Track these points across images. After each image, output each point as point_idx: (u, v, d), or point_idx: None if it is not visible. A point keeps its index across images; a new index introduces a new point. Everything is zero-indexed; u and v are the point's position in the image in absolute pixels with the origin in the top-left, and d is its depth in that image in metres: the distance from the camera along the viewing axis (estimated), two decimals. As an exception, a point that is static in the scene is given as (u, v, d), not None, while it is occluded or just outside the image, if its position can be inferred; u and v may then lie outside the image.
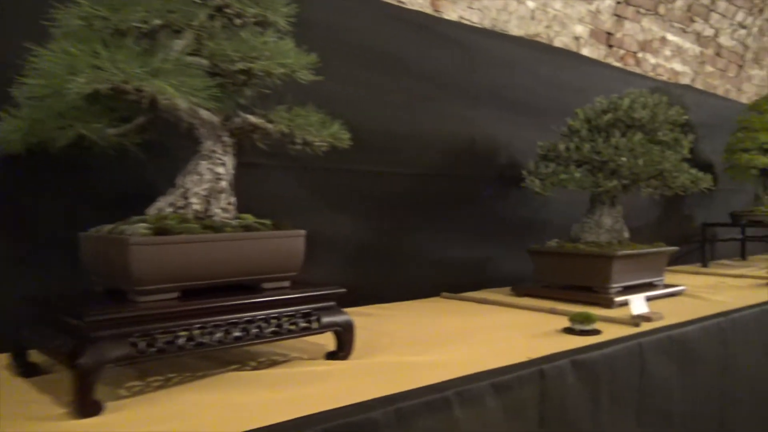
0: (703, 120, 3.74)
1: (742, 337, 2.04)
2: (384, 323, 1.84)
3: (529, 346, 1.52)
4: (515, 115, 2.65)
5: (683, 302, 2.26)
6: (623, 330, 1.73)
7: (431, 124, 2.34)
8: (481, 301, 2.21)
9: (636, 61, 3.42)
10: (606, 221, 2.33)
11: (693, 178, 2.27)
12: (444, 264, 2.41)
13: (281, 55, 1.27)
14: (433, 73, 2.34)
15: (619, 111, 2.25)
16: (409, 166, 2.27)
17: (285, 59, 1.27)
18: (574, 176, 2.17)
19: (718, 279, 2.96)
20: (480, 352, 1.48)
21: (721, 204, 3.91)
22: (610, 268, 2.13)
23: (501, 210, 2.60)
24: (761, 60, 4.37)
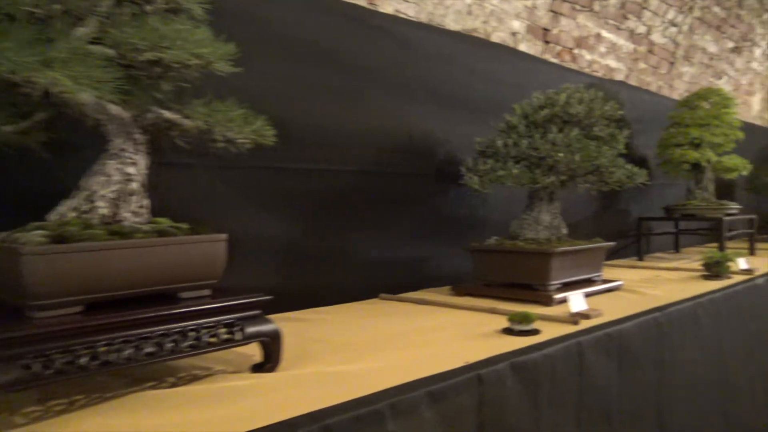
0: (636, 116, 3.80)
1: (678, 331, 2.05)
2: (318, 329, 1.75)
3: (468, 349, 1.47)
4: (453, 111, 2.61)
5: (621, 297, 2.26)
6: (562, 328, 1.70)
7: (366, 120, 2.26)
8: (420, 302, 2.15)
9: (572, 57, 3.43)
10: (544, 218, 2.31)
11: (629, 173, 2.27)
12: (382, 264, 2.35)
13: (195, 44, 1.17)
14: (368, 67, 2.26)
15: (556, 107, 2.23)
16: (343, 163, 2.19)
17: (200, 49, 1.17)
18: (512, 173, 2.14)
19: (653, 273, 3.00)
20: (416, 358, 1.41)
21: (656, 198, 3.99)
22: (549, 265, 2.10)
23: (440, 208, 2.55)
24: (691, 57, 4.48)
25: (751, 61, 5.25)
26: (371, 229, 2.30)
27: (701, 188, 3.60)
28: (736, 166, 3.58)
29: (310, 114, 2.08)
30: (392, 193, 2.37)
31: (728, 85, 5.17)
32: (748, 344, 2.61)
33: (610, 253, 3.68)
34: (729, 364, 2.43)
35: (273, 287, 1.98)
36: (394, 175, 2.38)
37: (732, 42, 4.80)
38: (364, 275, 2.29)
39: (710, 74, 4.82)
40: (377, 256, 2.33)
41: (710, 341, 2.27)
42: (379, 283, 2.32)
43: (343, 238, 2.22)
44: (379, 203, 2.32)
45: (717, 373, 2.32)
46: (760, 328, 2.72)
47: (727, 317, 2.42)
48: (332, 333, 1.70)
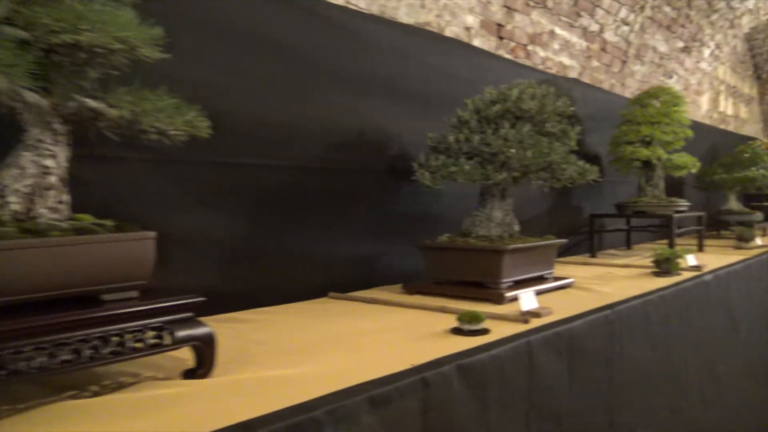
0: (590, 113, 3.82)
1: (628, 328, 2.04)
2: (261, 330, 1.68)
3: (416, 351, 1.42)
4: (406, 106, 2.56)
5: (572, 295, 2.25)
6: (512, 328, 1.67)
7: (313, 114, 2.19)
8: (370, 301, 2.10)
9: (526, 53, 3.42)
10: (497, 214, 2.28)
11: (580, 170, 2.25)
12: (332, 262, 2.28)
13: (118, 27, 1.08)
14: (316, 59, 2.19)
15: (508, 102, 2.20)
16: (290, 158, 2.12)
17: (123, 32, 1.08)
18: (464, 169, 2.10)
19: (605, 269, 3.01)
20: (360, 360, 1.35)
21: (608, 195, 4.02)
22: (500, 262, 2.07)
23: (392, 204, 2.50)
24: (642, 56, 4.53)
25: (699, 61, 5.36)
26: (320, 226, 2.23)
27: (652, 185, 3.64)
28: (685, 163, 3.63)
29: (254, 107, 1.99)
30: (343, 190, 2.30)
31: (678, 85, 5.27)
32: (696, 341, 2.63)
33: (563, 250, 3.70)
34: (678, 361, 2.44)
35: (215, 287, 1.92)
36: (345, 172, 2.31)
37: (682, 42, 4.88)
38: (313, 274, 2.22)
39: (661, 73, 4.90)
40: (327, 254, 2.26)
41: (659, 338, 2.28)
42: (329, 281, 2.26)
43: (291, 235, 2.14)
44: (328, 200, 2.26)
45: (666, 369, 2.33)
46: (708, 325, 2.76)
47: (676, 314, 2.43)
48: (276, 335, 1.63)
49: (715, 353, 2.86)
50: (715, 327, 2.86)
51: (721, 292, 2.94)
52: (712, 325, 2.83)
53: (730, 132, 6.76)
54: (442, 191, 2.67)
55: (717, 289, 2.89)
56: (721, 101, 6.54)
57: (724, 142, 5.96)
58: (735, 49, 6.45)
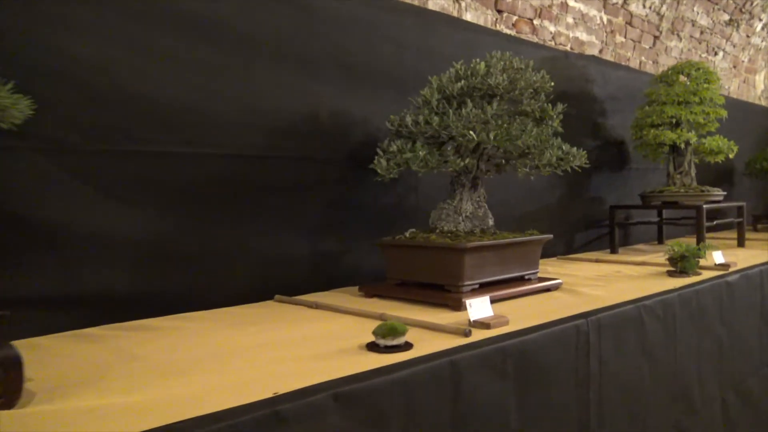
0: (611, 93, 3.46)
1: (612, 340, 1.73)
2: (152, 342, 1.47)
3: (311, 371, 1.17)
4: (375, 88, 2.30)
5: (552, 299, 1.94)
6: (447, 341, 1.39)
7: (259, 97, 1.97)
8: (313, 306, 1.85)
9: (532, 28, 3.09)
10: (466, 207, 2.00)
11: (562, 155, 1.94)
12: (283, 261, 2.05)
13: None
14: (259, 37, 1.96)
15: (476, 78, 1.91)
16: (227, 146, 1.90)
17: None
18: (418, 154, 1.83)
19: (616, 268, 2.67)
20: (223, 384, 1.12)
21: (636, 184, 3.64)
22: (461, 262, 1.79)
23: (357, 197, 2.25)
24: (679, 31, 4.09)
25: (750, 36, 4.84)
26: (267, 222, 2.01)
27: (681, 173, 3.24)
28: (719, 148, 3.21)
29: (186, 91, 1.79)
30: (294, 181, 2.07)
31: (725, 62, 4.77)
32: (716, 351, 2.27)
33: (583, 244, 3.36)
34: (688, 376, 2.10)
35: (129, 291, 1.72)
36: (299, 161, 2.08)
37: (726, 14, 4.40)
38: (258, 275, 2.00)
39: (703, 49, 4.43)
40: (277, 252, 2.03)
41: (660, 350, 1.94)
42: (281, 282, 2.03)
43: (230, 233, 1.92)
44: (277, 192, 2.03)
45: (670, 386, 1.99)
46: (734, 332, 2.38)
47: (686, 321, 2.08)
48: (167, 347, 1.41)
49: (744, 364, 2.48)
50: (743, 334, 2.48)
51: (752, 293, 2.55)
52: (740, 332, 2.45)
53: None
54: (419, 181, 2.41)
55: (747, 290, 2.51)
56: (782, 80, 5.93)
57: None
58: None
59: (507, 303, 1.87)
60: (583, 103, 3.28)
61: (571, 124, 3.18)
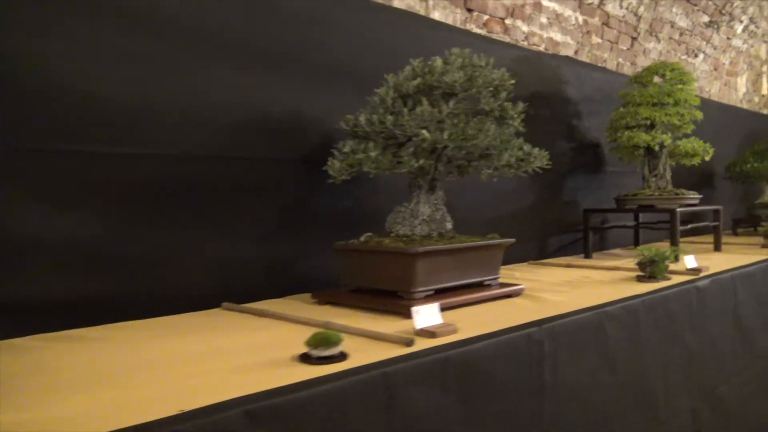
0: (586, 95, 3.40)
1: (567, 349, 1.66)
2: (78, 353, 1.38)
3: (224, 385, 1.09)
4: (335, 87, 2.22)
5: (511, 306, 1.87)
6: (388, 351, 1.32)
7: (208, 95, 1.89)
8: (260, 314, 1.78)
9: (504, 28, 3.03)
10: (423, 210, 1.93)
11: (522, 156, 1.87)
12: (235, 267, 1.97)
13: None
14: (213, 31, 1.88)
15: (434, 75, 1.84)
16: (172, 146, 1.82)
17: None
18: (370, 155, 1.75)
19: (585, 273, 2.60)
20: (132, 399, 1.04)
21: (612, 187, 3.57)
22: (412, 268, 1.72)
23: (316, 199, 2.17)
24: (657, 32, 4.04)
25: (731, 38, 4.80)
26: (219, 225, 1.93)
27: (656, 176, 3.18)
28: (694, 150, 3.16)
29: (128, 87, 1.71)
30: (248, 183, 1.99)
31: (706, 64, 4.73)
32: (685, 360, 2.20)
33: (557, 249, 3.29)
34: (655, 384, 2.03)
35: (62, 299, 1.64)
36: (251, 161, 2.00)
37: (706, 15, 4.35)
38: (208, 281, 1.92)
39: (682, 51, 4.38)
40: (229, 257, 1.95)
41: (623, 358, 1.88)
42: (231, 289, 1.95)
43: (178, 237, 1.84)
44: (229, 194, 1.95)
45: (635, 395, 1.92)
46: (705, 339, 2.32)
47: (652, 327, 2.01)
48: (90, 359, 1.33)
49: (715, 372, 2.41)
50: (715, 341, 2.41)
51: (723, 299, 2.49)
52: (711, 339, 2.38)
53: (775, 117, 6.12)
54: (383, 183, 2.33)
55: (718, 295, 2.44)
56: (764, 83, 5.91)
57: (766, 128, 5.36)
58: (780, 26, 5.80)
59: (463, 310, 1.80)
60: (557, 105, 3.22)
61: (545, 125, 3.14)
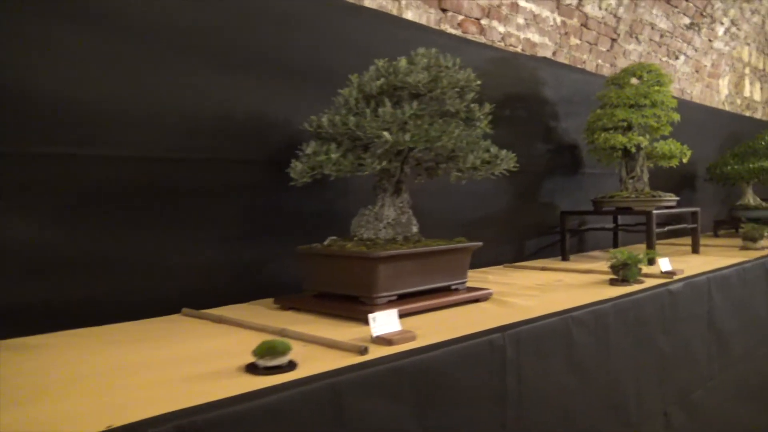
0: (565, 96, 3.38)
1: (532, 356, 1.62)
2: (23, 363, 1.33)
3: (158, 398, 1.05)
4: (304, 88, 2.18)
5: (478, 311, 1.83)
6: (342, 360, 1.28)
7: (169, 95, 1.84)
8: (218, 320, 1.73)
9: (480, 28, 2.99)
10: (388, 213, 1.89)
11: (489, 158, 1.83)
12: (196, 272, 1.92)
13: None
14: (174, 29, 1.84)
15: (398, 75, 1.80)
16: (131, 147, 1.77)
17: None
18: (331, 157, 1.71)
19: (559, 276, 2.57)
20: (58, 415, 0.99)
21: (591, 189, 3.54)
22: (374, 272, 1.68)
23: (282, 202, 2.12)
24: (638, 33, 4.03)
25: (713, 40, 4.79)
26: (180, 229, 1.88)
27: (633, 177, 3.16)
28: (672, 152, 3.13)
29: (80, 87, 1.66)
30: (211, 185, 1.95)
31: (687, 66, 4.72)
32: (658, 365, 2.17)
33: (534, 252, 3.26)
34: (625, 393, 2.00)
35: (12, 305, 1.59)
36: (214, 163, 1.95)
37: (687, 17, 4.34)
38: (168, 286, 1.87)
39: (663, 53, 4.37)
40: (191, 262, 1.91)
41: (594, 365, 1.84)
42: (193, 294, 1.90)
43: (137, 241, 1.79)
44: (191, 197, 1.90)
45: (604, 404, 1.89)
46: (678, 343, 2.29)
47: (621, 332, 1.98)
48: (32, 369, 1.28)
49: (690, 376, 2.39)
50: (689, 345, 2.39)
51: (698, 302, 2.47)
52: (685, 343, 2.36)
53: (758, 119, 6.13)
54: (352, 185, 2.30)
55: (692, 299, 2.42)
56: (746, 85, 5.92)
57: (748, 130, 5.36)
58: (763, 28, 5.81)
59: (428, 315, 1.76)
60: (534, 106, 3.19)
61: (522, 126, 3.11)
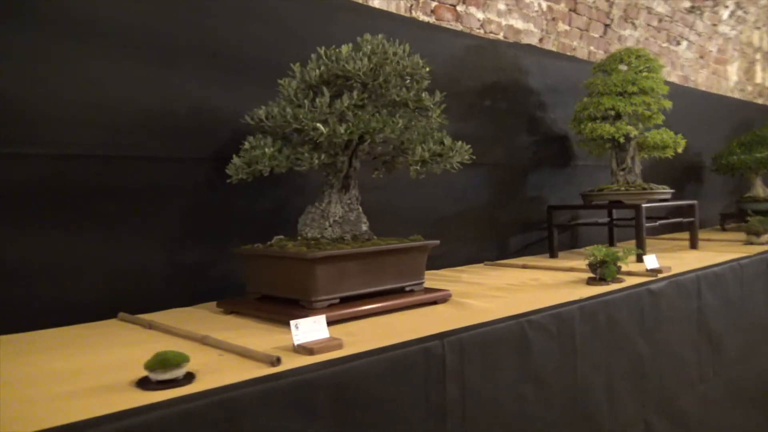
0: (551, 85, 3.23)
1: (478, 361, 1.49)
2: None
3: (38, 416, 0.95)
4: (252, 82, 2.06)
5: (432, 314, 1.70)
6: (252, 371, 1.16)
7: (102, 89, 1.75)
8: (148, 326, 1.62)
9: (455, 15, 2.85)
10: (335, 210, 1.77)
11: (439, 151, 1.70)
12: (136, 275, 1.82)
13: None
14: (108, 19, 1.74)
15: (339, 62, 1.68)
16: (61, 145, 1.68)
17: None
18: (265, 152, 1.60)
19: (538, 275, 2.43)
20: None
21: (585, 182, 3.39)
22: (312, 274, 1.56)
23: (231, 201, 2.01)
24: (633, 18, 3.85)
25: (717, 24, 4.59)
26: (118, 230, 1.79)
27: (624, 169, 3.00)
28: (664, 142, 2.97)
29: (12, 83, 1.58)
30: (151, 184, 1.85)
31: (691, 52, 4.52)
32: (636, 370, 2.03)
33: (520, 249, 3.12)
34: (595, 402, 1.86)
35: None
36: (154, 161, 1.86)
37: (687, 1, 4.15)
38: (106, 290, 1.77)
39: (663, 39, 4.18)
40: (131, 264, 1.81)
41: (556, 373, 1.71)
42: (134, 298, 1.81)
43: (71, 243, 1.70)
44: (130, 197, 1.81)
45: (569, 414, 1.75)
46: (657, 348, 2.14)
47: (591, 337, 1.84)
48: None
49: (675, 381, 2.24)
50: (674, 347, 2.23)
51: (685, 301, 2.31)
52: (669, 346, 2.21)
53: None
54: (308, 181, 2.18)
55: (678, 298, 2.27)
56: (758, 71, 5.68)
57: (761, 119, 5.14)
58: (774, 11, 5.57)
59: (375, 319, 1.64)
60: (516, 96, 3.04)
61: (502, 118, 2.97)
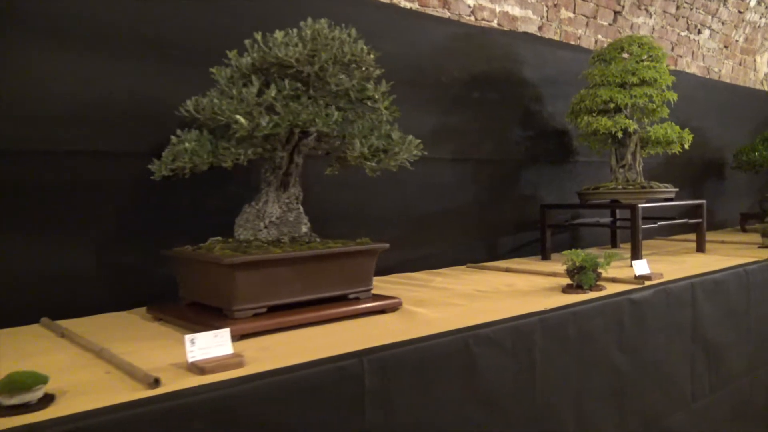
0: (550, 76, 3.03)
1: (407, 382, 1.34)
2: None
3: None
4: (199, 73, 1.91)
5: (371, 325, 1.55)
6: (124, 394, 1.04)
7: (25, 80, 1.64)
8: (61, 335, 1.51)
9: (443, 2, 2.68)
10: (272, 210, 1.63)
11: (382, 146, 1.55)
12: (63, 278, 1.71)
13: None
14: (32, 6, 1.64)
15: (272, 50, 1.53)
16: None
17: None
18: (185, 147, 1.47)
19: (516, 279, 2.25)
20: None
21: (587, 179, 3.18)
22: (232, 281, 1.42)
23: (173, 199, 1.89)
24: (648, 5, 3.61)
25: (744, 12, 4.29)
26: (41, 230, 1.68)
27: (623, 166, 2.79)
28: (668, 137, 2.74)
29: None
30: (82, 181, 1.74)
31: (713, 42, 4.24)
32: (613, 388, 1.84)
33: (511, 250, 2.94)
34: (565, 423, 1.69)
35: None
36: (84, 156, 1.75)
37: (709, -15, 3.89)
38: (28, 293, 1.67)
39: (681, 27, 3.92)
40: (57, 266, 1.70)
41: (510, 395, 1.54)
42: (61, 302, 1.70)
43: None
44: (55, 195, 1.70)
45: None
46: (640, 363, 1.95)
47: (554, 353, 1.67)
48: None
49: (663, 398, 2.04)
50: (662, 362, 2.04)
51: (676, 311, 2.11)
52: (656, 361, 2.01)
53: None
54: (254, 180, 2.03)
55: (667, 308, 2.07)
56: (792, 62, 5.33)
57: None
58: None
59: (308, 330, 1.50)
60: (509, 87, 2.85)
61: (492, 110, 2.78)
